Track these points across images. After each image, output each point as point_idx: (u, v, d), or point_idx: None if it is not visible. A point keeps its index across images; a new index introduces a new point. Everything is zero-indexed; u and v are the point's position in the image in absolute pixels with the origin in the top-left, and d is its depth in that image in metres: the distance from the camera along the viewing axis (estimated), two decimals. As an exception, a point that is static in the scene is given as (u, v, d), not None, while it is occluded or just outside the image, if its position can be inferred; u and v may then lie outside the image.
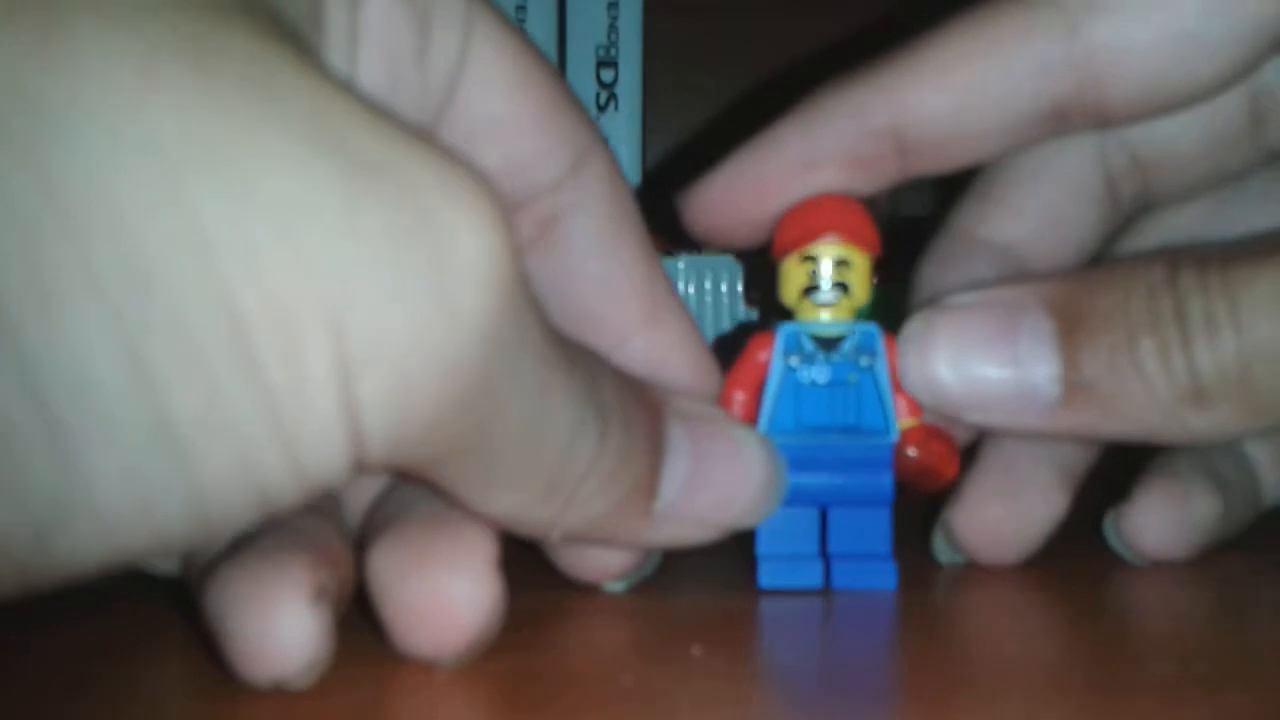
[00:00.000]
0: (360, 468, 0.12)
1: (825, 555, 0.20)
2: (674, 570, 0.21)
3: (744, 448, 0.18)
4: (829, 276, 0.20)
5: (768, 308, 0.21)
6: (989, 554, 0.21)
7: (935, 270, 0.22)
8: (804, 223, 0.20)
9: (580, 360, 0.15)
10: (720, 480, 0.18)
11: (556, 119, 0.18)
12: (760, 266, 0.22)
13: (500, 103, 0.17)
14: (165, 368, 0.11)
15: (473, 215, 0.12)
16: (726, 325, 0.34)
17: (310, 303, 0.11)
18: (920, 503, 0.22)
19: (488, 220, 0.12)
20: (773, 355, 0.20)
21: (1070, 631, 0.18)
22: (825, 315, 0.20)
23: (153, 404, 0.11)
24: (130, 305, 0.10)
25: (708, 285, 0.34)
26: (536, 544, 0.19)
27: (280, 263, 0.11)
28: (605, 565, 0.19)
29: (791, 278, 0.20)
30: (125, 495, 0.11)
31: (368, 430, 0.12)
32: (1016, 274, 0.21)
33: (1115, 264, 0.20)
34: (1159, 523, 0.21)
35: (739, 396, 0.21)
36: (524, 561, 0.18)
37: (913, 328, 0.20)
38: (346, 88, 0.12)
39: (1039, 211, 0.22)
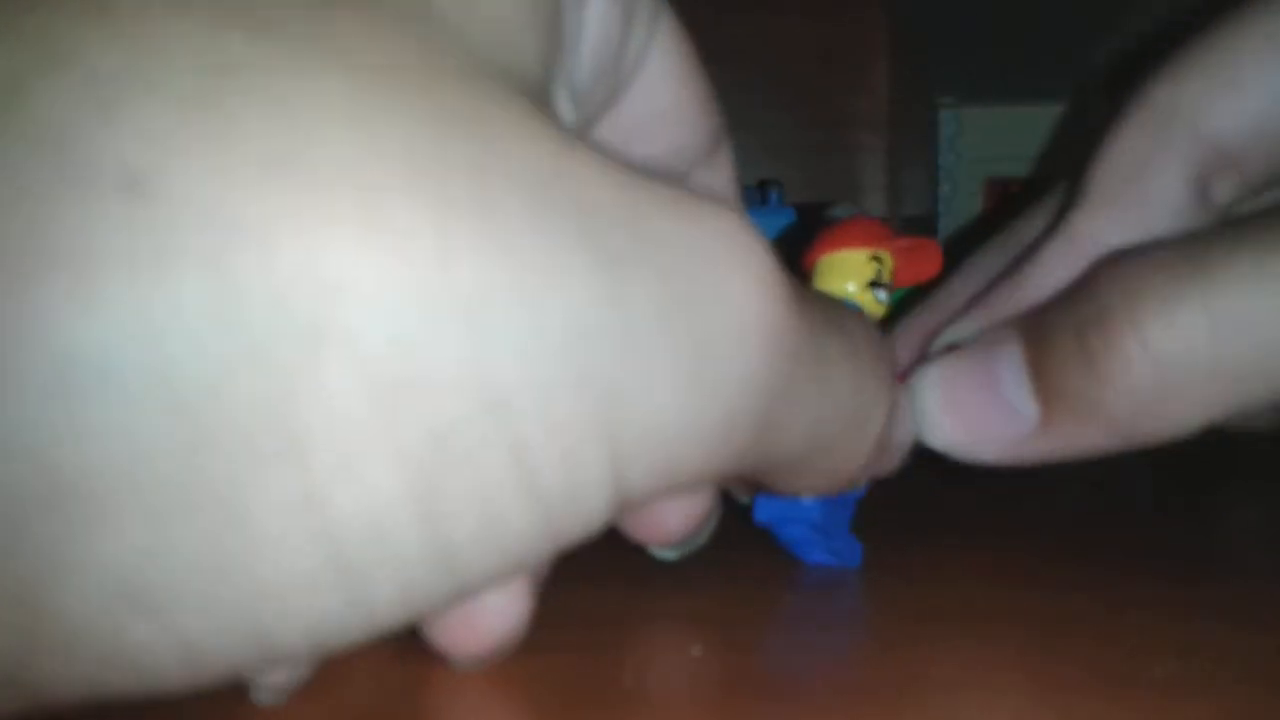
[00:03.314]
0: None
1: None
2: (674, 570, 0.21)
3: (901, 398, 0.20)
4: (890, 278, 0.22)
5: None
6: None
7: (1040, 271, 0.22)
8: (869, 228, 0.22)
9: (856, 327, 0.16)
10: (901, 429, 0.20)
11: (709, 108, 0.19)
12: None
13: (670, 92, 0.18)
14: (456, 512, 0.11)
15: (736, 271, 0.12)
16: None
17: (591, 422, 0.11)
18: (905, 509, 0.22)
19: (751, 270, 0.12)
20: None
21: (1070, 630, 0.18)
22: (879, 311, 0.22)
23: (438, 542, 0.11)
24: (432, 464, 0.11)
25: None
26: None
27: (568, 393, 0.11)
28: (666, 527, 0.18)
29: (859, 270, 0.22)
30: (398, 607, 0.11)
31: (633, 496, 0.12)
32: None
33: (1077, 281, 0.20)
34: None
35: None
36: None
37: (916, 381, 0.21)
38: (595, 157, 0.12)
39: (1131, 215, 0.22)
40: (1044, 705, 0.15)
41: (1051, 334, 0.19)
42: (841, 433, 0.16)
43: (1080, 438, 0.19)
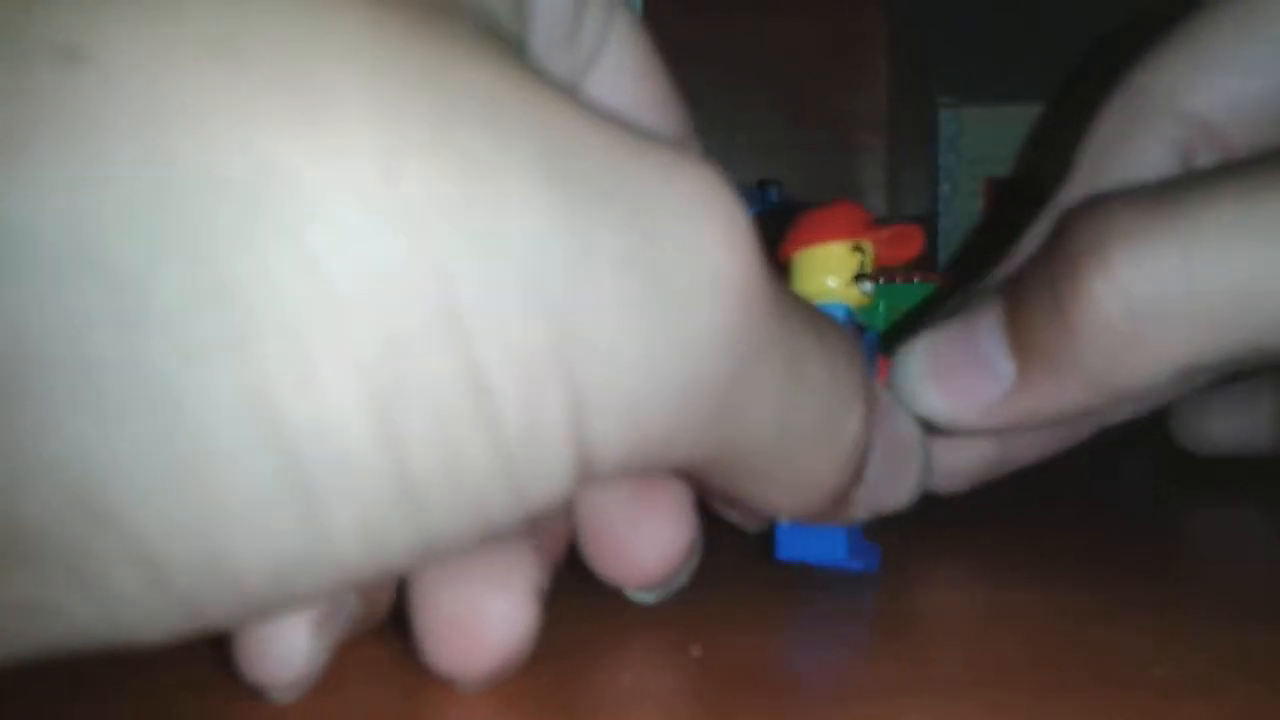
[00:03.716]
0: (587, 482, 0.12)
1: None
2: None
3: (912, 433, 0.19)
4: (871, 268, 0.21)
5: None
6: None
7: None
8: (848, 217, 0.21)
9: (832, 332, 0.15)
10: (899, 467, 0.19)
11: (670, 106, 0.19)
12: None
13: (629, 87, 0.18)
14: (413, 432, 0.10)
15: (701, 225, 0.12)
16: None
17: (548, 353, 0.11)
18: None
19: (717, 227, 0.12)
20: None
21: (1069, 631, 0.18)
22: (864, 301, 0.21)
23: (397, 465, 0.11)
24: (386, 375, 0.10)
25: None
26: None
27: (523, 316, 0.11)
28: (644, 564, 0.18)
29: (842, 263, 0.21)
30: (361, 543, 0.11)
31: (597, 458, 0.12)
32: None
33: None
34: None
35: None
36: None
37: (901, 352, 0.20)
38: (566, 96, 0.11)
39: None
40: (1044, 705, 0.15)
41: (1026, 289, 0.18)
42: (811, 436, 0.15)
43: (1057, 394, 0.18)
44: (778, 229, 0.23)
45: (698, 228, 0.12)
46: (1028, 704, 0.15)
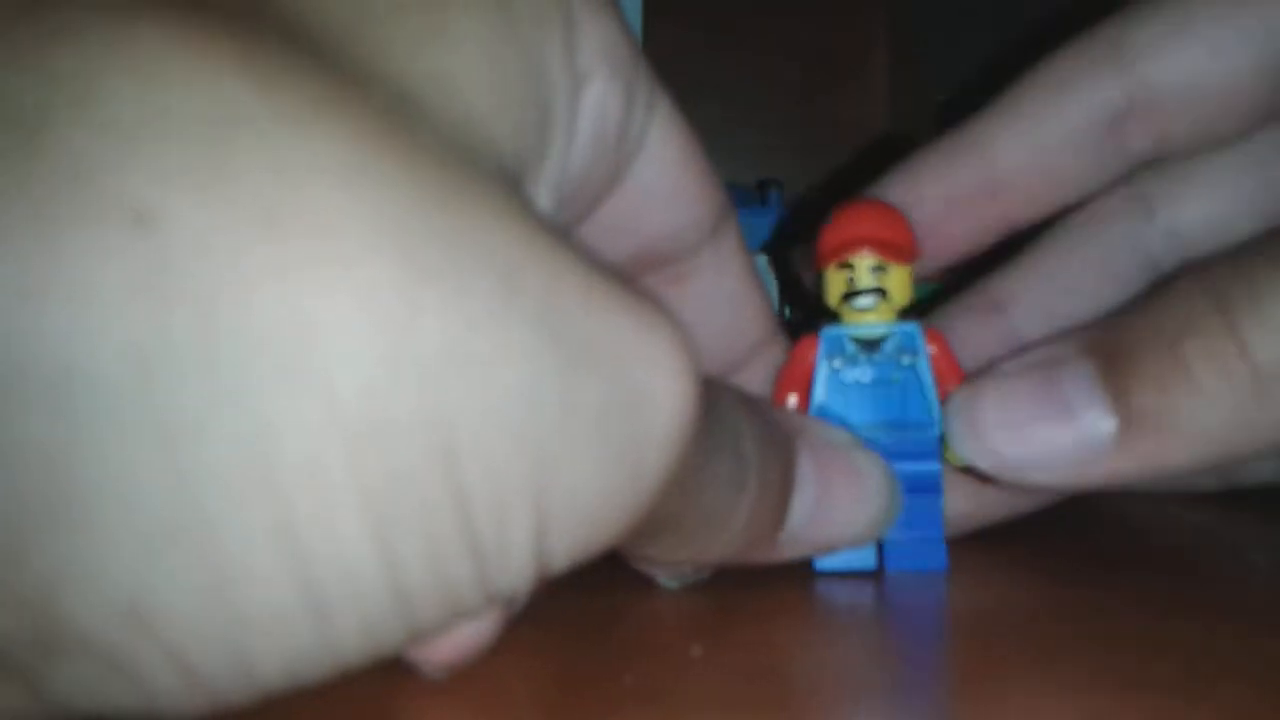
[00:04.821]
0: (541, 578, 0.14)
1: (877, 539, 0.21)
2: (674, 570, 0.21)
3: (865, 474, 0.20)
4: (866, 282, 0.21)
5: (817, 310, 0.23)
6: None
7: (949, 322, 0.23)
8: (840, 234, 0.22)
9: (726, 417, 0.16)
10: (842, 507, 0.19)
11: (708, 190, 0.19)
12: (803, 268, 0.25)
13: (668, 176, 0.19)
14: (408, 549, 0.12)
15: (670, 381, 0.13)
16: None
17: (524, 484, 0.12)
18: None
19: (681, 382, 0.13)
20: (816, 359, 0.22)
21: (1069, 631, 0.18)
22: (865, 318, 0.21)
23: (393, 578, 0.12)
24: (389, 503, 0.11)
25: None
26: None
27: (509, 454, 0.12)
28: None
29: (832, 284, 0.22)
30: (359, 640, 0.12)
31: (552, 564, 0.13)
32: (1056, 332, 0.21)
33: (1147, 295, 0.19)
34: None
35: (792, 398, 0.22)
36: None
37: (959, 399, 0.20)
38: (563, 247, 0.13)
39: (1056, 284, 0.23)
40: (1045, 705, 0.15)
41: (1133, 348, 0.18)
42: (709, 508, 0.16)
43: (1160, 456, 0.18)
44: (793, 235, 0.23)
45: (663, 382, 0.13)
46: (1028, 704, 0.15)
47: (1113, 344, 0.19)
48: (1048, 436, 0.19)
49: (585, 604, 0.19)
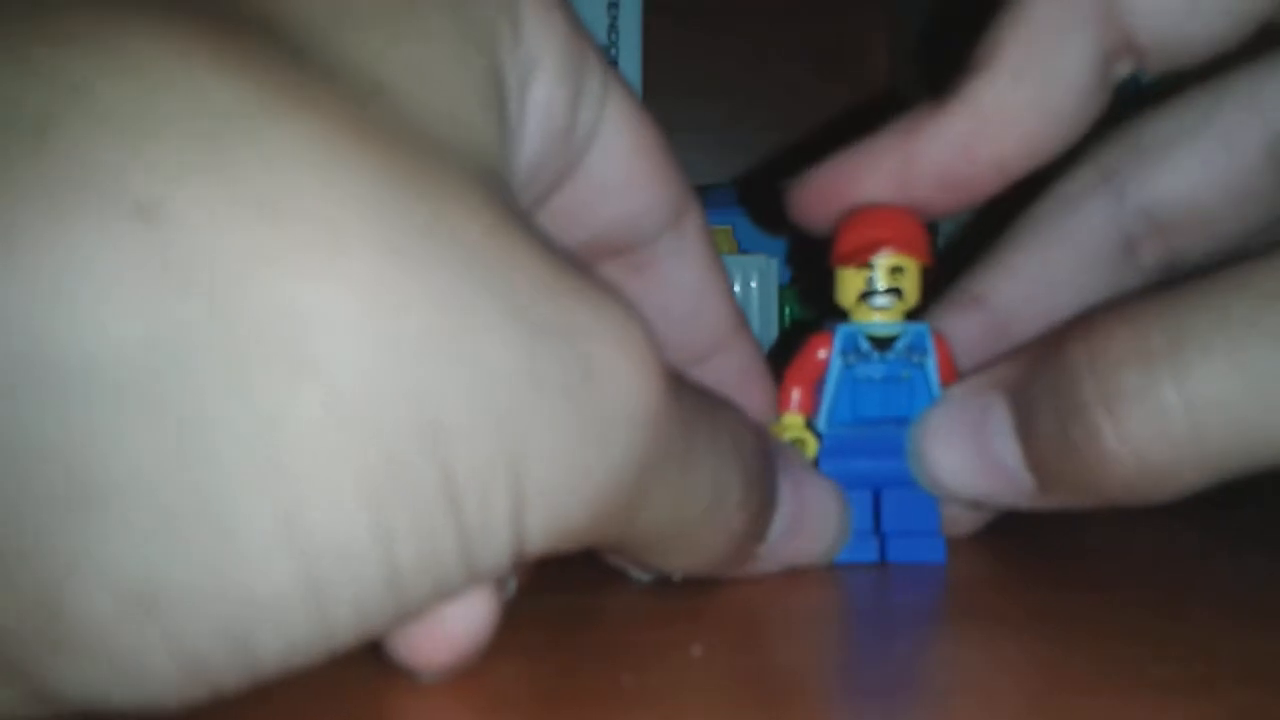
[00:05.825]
0: (520, 558, 0.14)
1: (879, 533, 0.22)
2: (674, 570, 0.21)
3: (829, 495, 0.21)
4: (886, 283, 0.22)
5: (824, 308, 0.24)
6: None
7: (934, 321, 0.24)
8: (862, 235, 0.22)
9: (724, 424, 0.17)
10: (811, 527, 0.20)
11: (665, 179, 0.20)
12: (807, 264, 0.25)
13: (622, 166, 0.19)
14: (400, 528, 0.12)
15: (628, 360, 0.14)
16: (759, 322, 0.34)
17: (503, 461, 0.13)
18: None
19: (640, 361, 0.14)
20: (831, 354, 0.23)
21: (1071, 630, 0.18)
22: (879, 317, 0.22)
23: (386, 557, 0.12)
24: (382, 482, 0.12)
25: (737, 287, 0.34)
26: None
27: (488, 432, 0.12)
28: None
29: (850, 283, 0.22)
30: (352, 620, 0.12)
31: (529, 544, 0.14)
32: (997, 356, 0.22)
33: (1063, 331, 0.20)
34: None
35: (796, 392, 0.23)
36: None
37: (920, 422, 0.21)
38: (531, 237, 0.13)
39: (1034, 273, 0.24)
40: (1045, 706, 0.15)
41: (1035, 414, 0.19)
42: (702, 512, 0.17)
43: (1080, 502, 0.19)
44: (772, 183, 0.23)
45: (622, 364, 0.14)
46: (1029, 705, 0.15)
47: (1026, 399, 0.20)
48: (980, 470, 0.20)
49: (584, 604, 0.19)
